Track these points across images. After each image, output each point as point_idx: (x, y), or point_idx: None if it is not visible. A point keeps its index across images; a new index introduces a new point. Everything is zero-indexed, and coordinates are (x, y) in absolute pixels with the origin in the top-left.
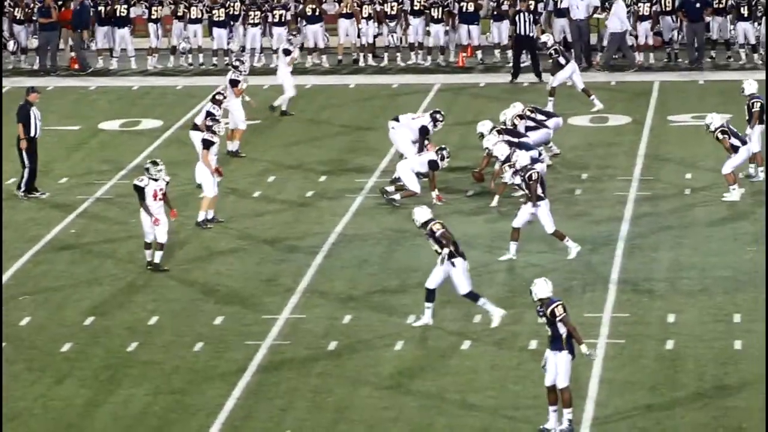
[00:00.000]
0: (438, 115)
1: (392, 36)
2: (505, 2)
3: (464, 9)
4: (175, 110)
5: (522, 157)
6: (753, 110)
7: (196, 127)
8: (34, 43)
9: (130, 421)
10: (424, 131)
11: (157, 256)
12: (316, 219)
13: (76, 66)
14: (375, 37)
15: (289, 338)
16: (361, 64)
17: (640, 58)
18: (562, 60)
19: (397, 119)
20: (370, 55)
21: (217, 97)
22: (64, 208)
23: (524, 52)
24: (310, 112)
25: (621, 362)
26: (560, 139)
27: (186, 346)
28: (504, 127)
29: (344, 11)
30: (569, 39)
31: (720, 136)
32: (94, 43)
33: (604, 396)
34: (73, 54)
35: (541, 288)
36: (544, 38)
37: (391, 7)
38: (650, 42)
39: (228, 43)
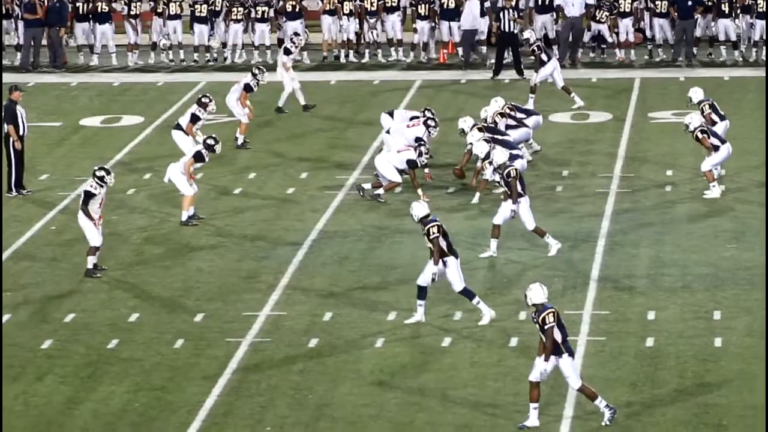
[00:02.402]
0: (431, 122)
1: (372, 32)
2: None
3: (446, 5)
4: (156, 106)
5: (499, 155)
6: (705, 113)
7: (179, 127)
8: (7, 39)
9: (110, 418)
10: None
11: (91, 261)
12: (297, 216)
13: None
14: (356, 33)
15: (270, 335)
16: (342, 60)
17: (621, 55)
18: (544, 57)
19: (391, 114)
20: (351, 52)
21: (203, 100)
22: (44, 204)
23: (507, 48)
24: (291, 109)
25: (601, 359)
26: (541, 135)
27: (167, 343)
28: (485, 124)
29: (327, 8)
30: (550, 36)
31: (700, 136)
32: (73, 40)
33: None
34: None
35: (537, 293)
36: (526, 35)
37: (371, 4)
38: (631, 39)
39: (209, 40)
